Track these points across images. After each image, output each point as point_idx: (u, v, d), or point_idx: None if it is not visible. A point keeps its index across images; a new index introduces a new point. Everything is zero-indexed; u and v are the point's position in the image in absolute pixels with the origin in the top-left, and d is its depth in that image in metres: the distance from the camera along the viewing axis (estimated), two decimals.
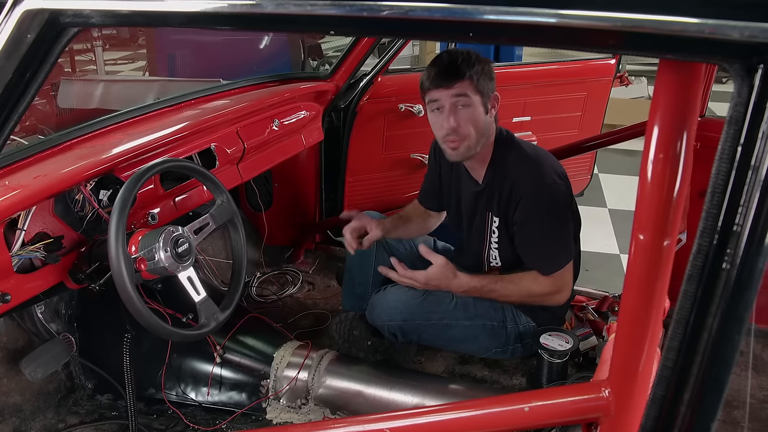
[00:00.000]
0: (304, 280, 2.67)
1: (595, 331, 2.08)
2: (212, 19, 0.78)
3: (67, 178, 1.41)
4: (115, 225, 1.31)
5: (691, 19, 0.59)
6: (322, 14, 0.70)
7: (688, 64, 0.69)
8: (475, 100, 1.68)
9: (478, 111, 1.70)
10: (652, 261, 0.74)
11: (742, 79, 0.60)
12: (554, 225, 1.76)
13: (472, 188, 1.88)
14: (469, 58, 1.68)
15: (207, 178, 1.61)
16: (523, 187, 1.74)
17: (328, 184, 2.70)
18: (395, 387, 1.79)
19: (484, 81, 1.69)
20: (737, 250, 0.62)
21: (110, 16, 0.84)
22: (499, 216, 1.83)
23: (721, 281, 0.63)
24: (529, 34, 0.67)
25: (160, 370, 1.90)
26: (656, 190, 0.71)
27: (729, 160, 0.61)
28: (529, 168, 1.76)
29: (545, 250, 1.78)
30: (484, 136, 1.75)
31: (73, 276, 1.48)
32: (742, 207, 0.61)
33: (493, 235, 1.87)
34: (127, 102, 2.73)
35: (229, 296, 1.61)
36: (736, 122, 0.60)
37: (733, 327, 0.65)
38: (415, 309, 1.88)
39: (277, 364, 1.88)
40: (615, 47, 0.81)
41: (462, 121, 1.69)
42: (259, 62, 3.94)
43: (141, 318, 1.35)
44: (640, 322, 0.77)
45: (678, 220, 0.72)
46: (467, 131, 1.70)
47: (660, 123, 0.70)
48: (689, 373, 0.68)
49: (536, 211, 1.74)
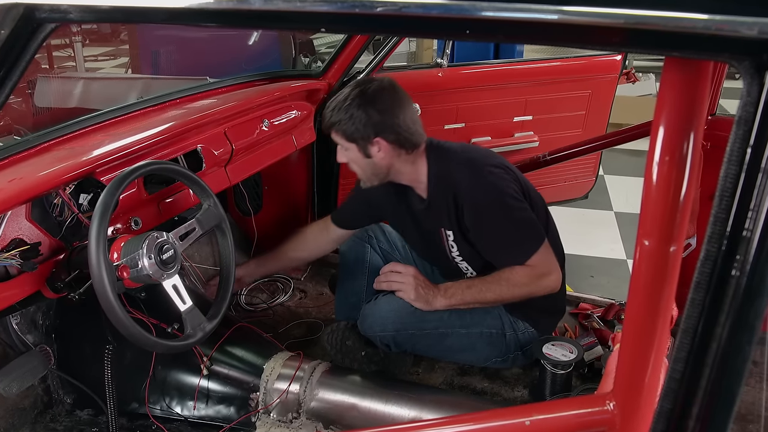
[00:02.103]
0: (295, 288, 2.67)
1: (600, 340, 2.09)
2: (197, 16, 0.78)
3: (45, 182, 1.40)
4: (95, 231, 1.30)
5: (698, 15, 0.59)
6: (313, 11, 0.70)
7: (695, 62, 0.69)
8: (349, 147, 1.78)
9: (355, 156, 1.80)
10: (658, 268, 0.74)
11: (752, 78, 0.60)
12: (507, 215, 1.77)
13: (419, 206, 1.91)
14: (342, 104, 1.74)
15: (193, 181, 1.61)
16: (464, 191, 1.77)
17: (321, 187, 2.70)
18: (391, 399, 1.79)
19: (357, 128, 1.73)
20: (747, 257, 0.62)
21: (89, 12, 0.84)
22: (452, 228, 1.85)
23: (731, 289, 0.63)
24: (528, 32, 0.68)
25: (143, 384, 1.89)
26: (662, 194, 0.71)
27: (738, 162, 0.61)
28: (464, 170, 1.79)
29: (508, 243, 1.79)
30: (379, 174, 1.83)
31: (51, 284, 1.47)
32: (752, 211, 0.61)
33: (453, 249, 1.90)
34: (109, 101, 2.72)
35: (217, 305, 1.61)
36: (746, 122, 0.61)
37: (744, 337, 0.65)
38: (407, 318, 1.88)
39: (267, 376, 1.88)
40: (618, 45, 0.81)
41: (347, 160, 1.84)
42: (248, 59, 3.94)
43: (123, 328, 1.34)
44: (645, 332, 0.77)
45: (685, 225, 0.72)
46: (354, 169, 1.86)
47: (665, 123, 0.70)
48: (698, 386, 0.68)
49: (484, 210, 1.77)
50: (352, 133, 1.74)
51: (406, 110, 1.76)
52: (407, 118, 1.76)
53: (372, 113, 1.72)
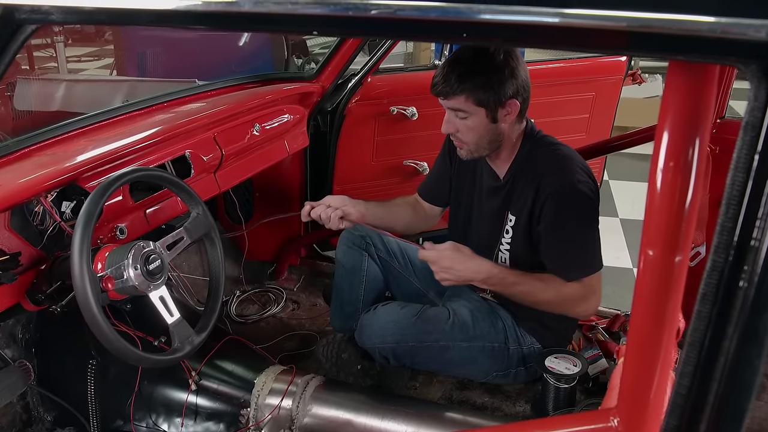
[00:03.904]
0: (288, 299, 2.66)
1: (605, 352, 2.09)
2: (184, 18, 0.78)
3: (25, 189, 1.40)
4: (79, 240, 1.30)
5: (703, 17, 0.59)
6: (305, 14, 0.70)
7: (700, 66, 0.69)
8: (474, 112, 1.70)
9: (478, 122, 1.71)
10: (663, 279, 0.74)
11: (759, 81, 0.60)
12: (584, 227, 1.75)
13: (492, 183, 1.88)
14: (472, 69, 1.66)
15: (181, 188, 1.61)
16: (552, 185, 1.72)
17: (314, 193, 2.70)
18: (388, 415, 1.79)
19: (488, 93, 1.67)
20: (755, 267, 0.62)
21: (72, 13, 0.84)
22: (517, 214, 1.81)
23: (738, 300, 0.63)
24: (528, 35, 0.68)
25: (128, 400, 1.88)
26: (666, 202, 0.71)
27: (745, 169, 0.61)
28: (559, 165, 1.75)
29: (575, 253, 1.76)
30: (494, 142, 1.77)
31: (31, 296, 1.47)
32: (760, 220, 0.61)
33: (506, 234, 1.85)
34: (93, 104, 2.72)
35: (206, 317, 1.61)
36: (753, 128, 0.61)
37: (753, 350, 0.65)
38: (408, 330, 1.87)
39: (259, 390, 1.87)
40: (620, 48, 0.82)
41: (461, 128, 1.74)
42: (239, 61, 3.95)
43: (107, 342, 1.34)
44: (650, 346, 0.77)
45: (690, 234, 0.72)
46: (466, 139, 1.76)
47: (670, 129, 0.70)
48: (705, 401, 0.68)
49: (567, 212, 1.72)
50: (486, 97, 1.67)
51: (526, 70, 1.72)
52: (528, 79, 1.73)
53: (508, 72, 1.67)
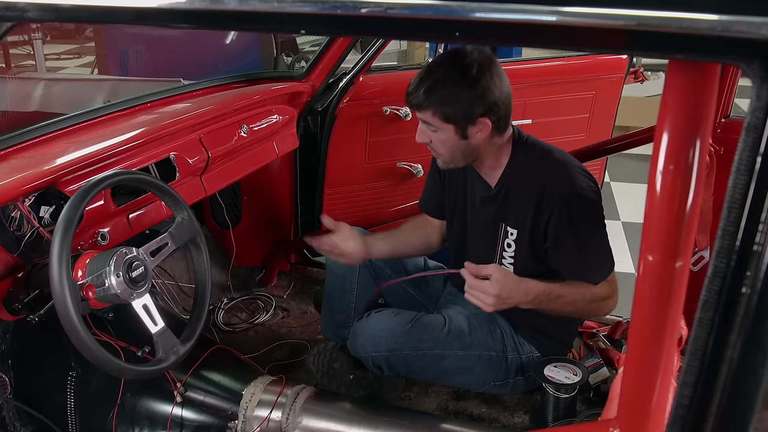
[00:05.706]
0: (277, 306, 2.66)
1: (606, 361, 2.09)
2: (167, 17, 0.78)
3: (1, 193, 1.39)
4: (58, 246, 1.29)
5: (704, 15, 0.59)
6: (292, 12, 0.70)
7: (701, 65, 0.69)
8: (442, 128, 1.69)
9: (448, 137, 1.71)
10: (663, 285, 0.74)
11: (762, 81, 0.60)
12: (597, 230, 1.75)
13: (484, 192, 1.86)
14: (443, 84, 1.64)
15: (165, 192, 1.60)
16: (557, 196, 1.71)
17: (304, 197, 2.70)
18: (381, 427, 1.79)
19: (456, 110, 1.65)
20: (758, 273, 0.62)
21: (49, 11, 0.84)
22: (518, 228, 1.80)
23: (741, 307, 0.64)
24: (523, 34, 0.68)
25: (111, 413, 1.87)
26: (666, 206, 0.71)
27: (747, 171, 0.61)
28: (558, 173, 1.74)
29: (595, 258, 1.76)
30: (470, 156, 1.77)
31: (7, 306, 1.46)
32: (763, 224, 0.61)
33: (509, 248, 1.85)
34: (73, 104, 2.72)
35: (192, 326, 1.60)
36: (755, 129, 0.61)
37: (756, 359, 0.65)
38: (402, 338, 1.88)
39: (247, 402, 1.87)
40: (617, 48, 0.82)
41: (433, 140, 1.75)
42: (226, 59, 3.94)
43: (88, 353, 1.33)
44: (650, 355, 0.78)
45: (692, 238, 0.72)
46: (439, 151, 1.77)
47: (670, 130, 0.70)
48: (708, 411, 0.68)
49: (579, 221, 1.72)
50: (454, 114, 1.66)
51: (506, 86, 1.70)
52: (508, 96, 1.71)
53: (479, 91, 1.64)
